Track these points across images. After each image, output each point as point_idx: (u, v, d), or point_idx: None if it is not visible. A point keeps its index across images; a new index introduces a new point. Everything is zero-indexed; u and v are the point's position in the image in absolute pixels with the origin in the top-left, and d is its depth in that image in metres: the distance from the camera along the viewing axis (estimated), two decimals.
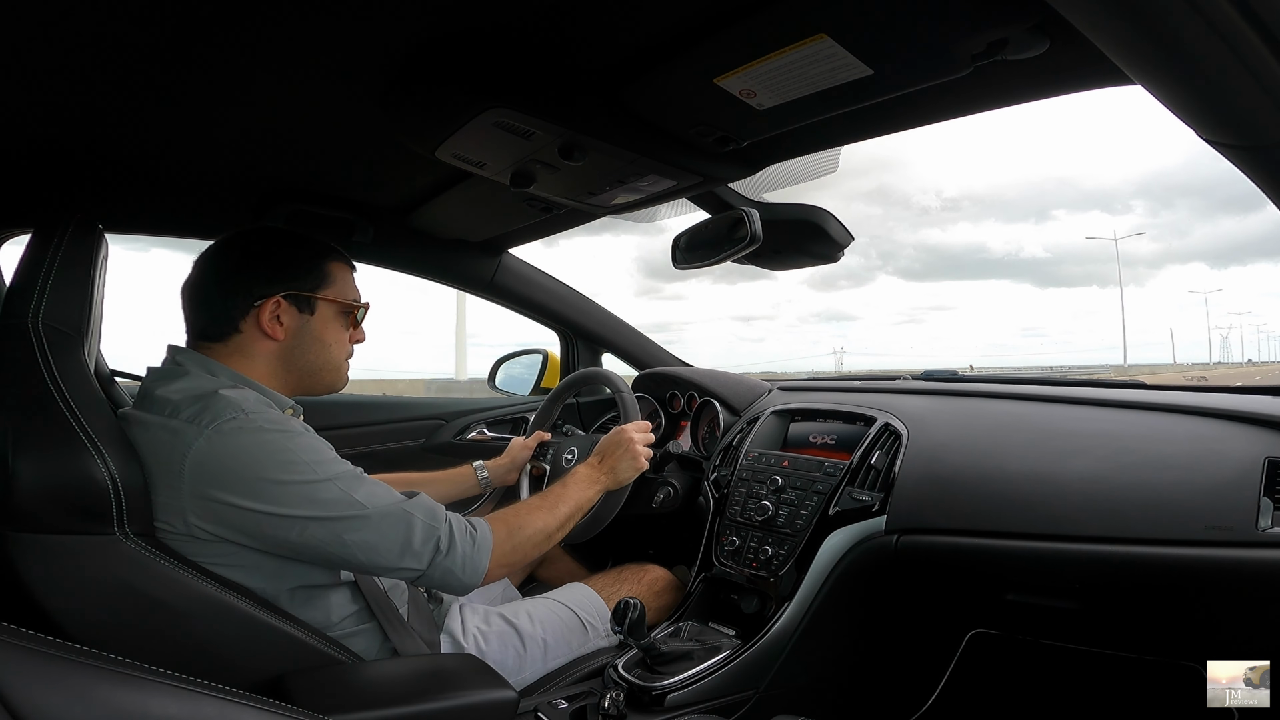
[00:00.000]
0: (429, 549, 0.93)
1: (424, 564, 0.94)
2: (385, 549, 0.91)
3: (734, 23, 0.78)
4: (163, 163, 1.24)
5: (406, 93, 0.94)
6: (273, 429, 0.90)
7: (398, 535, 0.92)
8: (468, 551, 0.97)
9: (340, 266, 1.07)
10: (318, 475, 0.90)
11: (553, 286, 2.00)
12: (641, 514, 1.52)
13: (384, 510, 0.92)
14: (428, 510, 0.96)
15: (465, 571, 0.97)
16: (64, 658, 0.40)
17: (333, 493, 0.90)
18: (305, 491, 0.88)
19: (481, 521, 1.02)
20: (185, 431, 0.87)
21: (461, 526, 0.98)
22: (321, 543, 0.89)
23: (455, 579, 0.97)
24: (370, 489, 0.93)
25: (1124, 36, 0.55)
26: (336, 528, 0.89)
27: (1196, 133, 0.66)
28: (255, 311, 0.98)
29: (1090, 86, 0.87)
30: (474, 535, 0.99)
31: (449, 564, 0.95)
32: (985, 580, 1.20)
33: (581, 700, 1.09)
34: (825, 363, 58.45)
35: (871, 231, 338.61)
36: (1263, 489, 0.96)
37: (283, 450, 0.89)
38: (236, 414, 0.88)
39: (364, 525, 0.90)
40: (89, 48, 0.84)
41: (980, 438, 1.27)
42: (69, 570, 0.81)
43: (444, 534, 0.95)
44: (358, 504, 0.91)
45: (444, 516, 0.97)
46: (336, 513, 0.89)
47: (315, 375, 1.05)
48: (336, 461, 0.94)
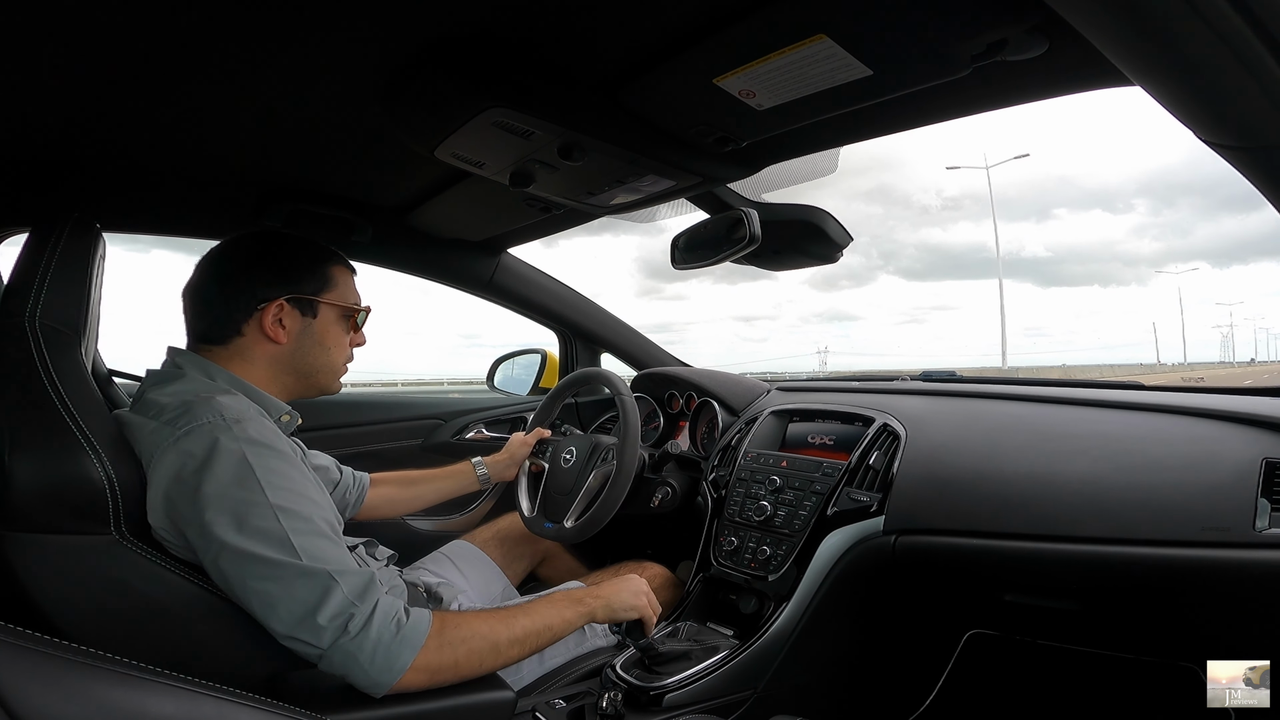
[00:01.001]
0: (334, 625, 0.79)
1: (324, 642, 0.79)
2: (285, 610, 0.80)
3: (733, 23, 0.78)
4: (161, 161, 1.24)
5: (406, 92, 0.94)
6: (244, 439, 0.85)
7: (306, 599, 0.80)
8: (384, 640, 0.81)
9: (342, 270, 1.07)
10: (264, 498, 0.82)
11: (552, 286, 2.00)
12: (640, 514, 1.52)
13: (311, 568, 0.81)
14: (358, 588, 0.82)
15: (374, 664, 0.80)
16: (61, 657, 0.40)
17: (269, 523, 0.81)
18: (242, 511, 0.81)
19: (423, 613, 0.87)
20: (161, 433, 0.86)
21: (388, 613, 0.83)
22: (225, 577, 0.82)
23: (359, 670, 0.80)
24: (314, 542, 0.83)
25: (1123, 37, 0.55)
26: (244, 568, 0.80)
27: (1195, 134, 0.66)
28: (258, 315, 0.98)
29: (1090, 87, 0.87)
30: (400, 624, 0.83)
31: (354, 649, 0.80)
32: (983, 581, 1.20)
33: (579, 700, 1.08)
34: (810, 363, 57.99)
35: (872, 231, 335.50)
36: (1260, 490, 0.96)
37: (240, 462, 0.83)
38: (215, 418, 0.86)
39: (277, 573, 0.80)
40: (88, 46, 0.84)
41: (978, 438, 1.27)
42: (65, 570, 0.81)
43: (360, 615, 0.81)
44: (289, 547, 0.81)
45: (373, 599, 0.83)
46: (254, 548, 0.80)
47: (313, 378, 1.05)
48: (299, 497, 0.85)
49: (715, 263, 1.40)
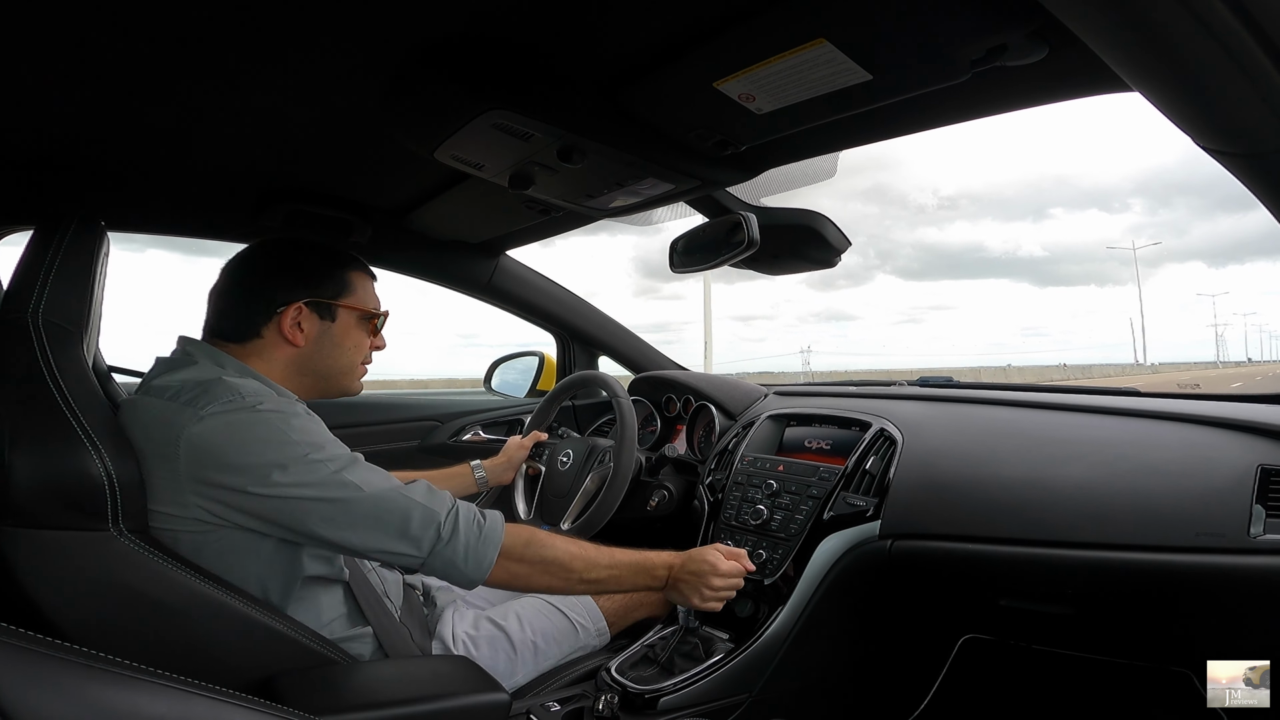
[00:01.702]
0: (429, 535, 0.90)
1: (423, 550, 0.90)
2: (381, 531, 0.89)
3: (734, 26, 0.78)
4: (161, 162, 1.24)
5: (406, 93, 0.94)
6: (267, 409, 0.89)
7: (394, 519, 0.89)
8: (472, 542, 0.93)
9: (361, 275, 1.08)
10: (311, 456, 0.88)
11: (550, 289, 2.00)
12: (636, 517, 1.52)
13: (379, 493, 0.90)
14: (428, 495, 0.93)
15: (468, 563, 0.92)
16: (56, 657, 0.40)
17: (326, 473, 0.88)
18: (299, 472, 0.87)
19: (495, 514, 0.98)
20: (182, 413, 0.87)
21: (469, 515, 0.95)
22: (317, 524, 0.88)
23: (457, 570, 0.93)
24: (366, 473, 0.91)
25: (1123, 43, 0.56)
26: (331, 509, 0.87)
27: (1193, 139, 0.66)
28: (277, 318, 0.99)
29: (1089, 93, 0.88)
30: (481, 525, 0.95)
31: (450, 553, 0.91)
32: (978, 585, 1.20)
33: (574, 703, 1.08)
34: (794, 362, 57.83)
35: (869, 230, 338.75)
36: (1255, 496, 0.96)
37: (276, 431, 0.88)
38: (234, 397, 0.88)
39: (358, 506, 0.88)
40: (90, 48, 0.83)
41: (974, 444, 1.27)
42: (63, 566, 0.80)
43: (446, 521, 0.92)
44: (352, 485, 0.88)
45: (449, 502, 0.94)
46: (330, 494, 0.87)
47: (330, 380, 1.07)
48: (334, 443, 0.92)
49: (713, 266, 1.40)
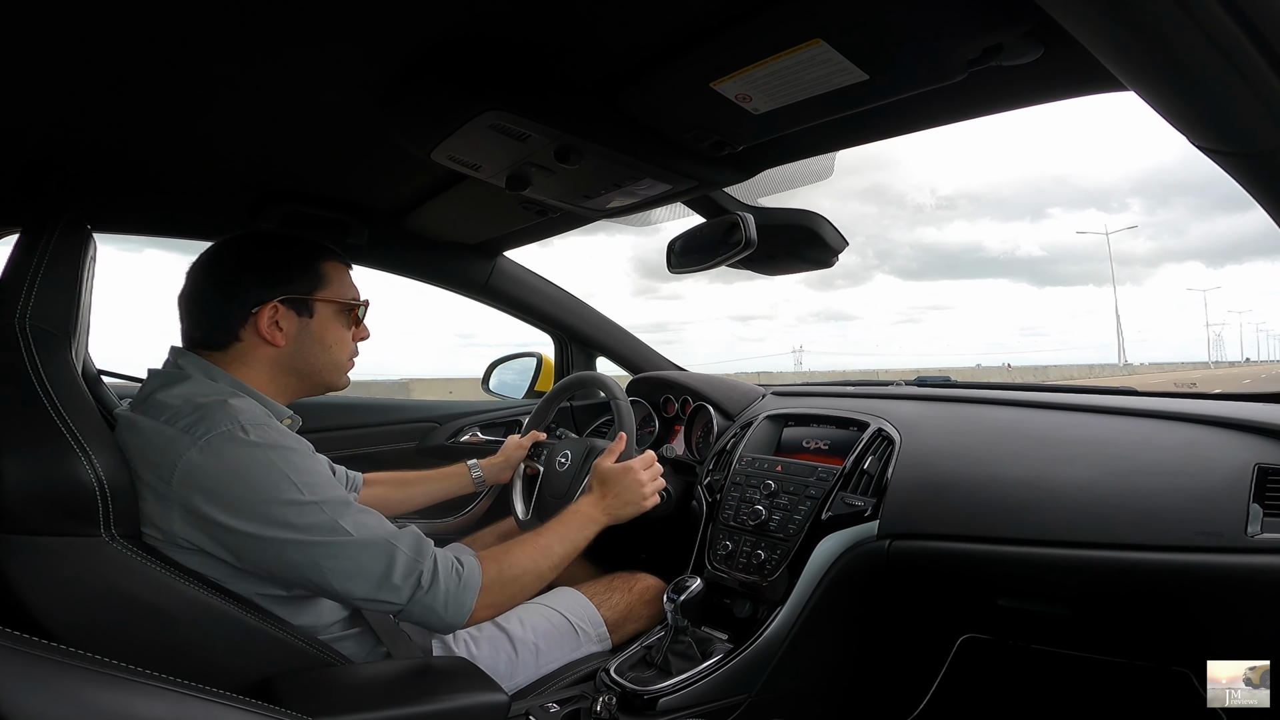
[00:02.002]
0: (409, 583, 0.91)
1: (403, 598, 0.91)
2: (363, 578, 0.89)
3: (730, 27, 0.78)
4: (156, 162, 1.23)
5: (403, 94, 0.94)
6: (266, 444, 0.88)
7: (377, 566, 0.89)
8: (452, 590, 0.94)
9: (335, 265, 1.06)
10: (304, 497, 0.88)
11: (548, 290, 2.00)
12: (635, 518, 1.52)
13: (367, 539, 0.90)
14: (414, 544, 0.93)
15: (448, 610, 0.94)
16: (50, 659, 0.39)
17: (316, 516, 0.88)
18: (288, 513, 0.86)
19: (471, 560, 0.99)
20: (179, 440, 0.86)
21: (448, 564, 0.95)
22: (298, 566, 0.88)
23: (437, 617, 0.94)
24: (357, 516, 0.91)
25: (1118, 43, 0.56)
26: (315, 552, 0.87)
27: (1189, 139, 0.66)
28: (253, 319, 0.98)
29: (1085, 93, 0.88)
30: (460, 573, 0.96)
31: (430, 601, 0.92)
32: (977, 585, 1.20)
33: (573, 704, 1.08)
34: (786, 362, 58.10)
35: (867, 230, 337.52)
36: (1252, 495, 0.97)
37: (272, 468, 0.87)
38: (232, 425, 0.87)
39: (343, 552, 0.88)
40: (82, 47, 0.83)
41: (972, 444, 1.27)
42: (55, 572, 0.80)
43: (427, 569, 0.92)
44: (340, 529, 0.88)
45: (430, 552, 0.94)
46: (316, 537, 0.87)
47: (316, 376, 1.05)
48: (329, 485, 0.92)
49: (711, 267, 1.40)
